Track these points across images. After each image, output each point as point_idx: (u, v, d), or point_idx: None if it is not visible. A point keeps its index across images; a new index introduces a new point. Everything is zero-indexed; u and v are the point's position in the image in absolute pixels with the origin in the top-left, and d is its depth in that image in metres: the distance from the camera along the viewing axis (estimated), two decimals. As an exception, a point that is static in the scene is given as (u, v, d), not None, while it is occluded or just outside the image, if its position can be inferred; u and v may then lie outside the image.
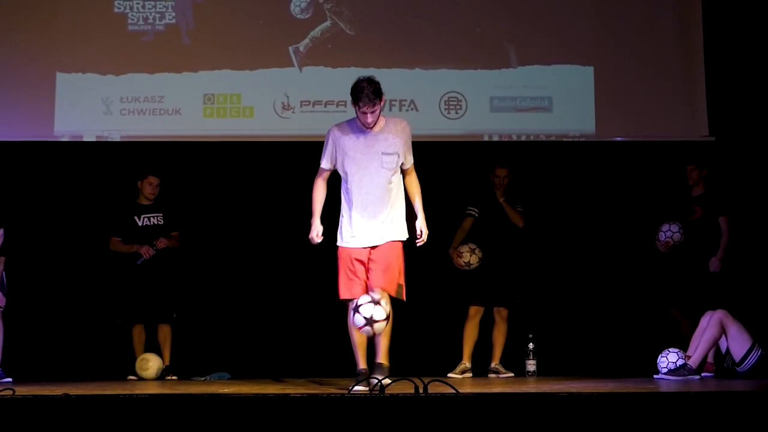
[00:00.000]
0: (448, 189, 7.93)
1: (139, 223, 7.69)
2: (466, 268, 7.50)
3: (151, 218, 7.72)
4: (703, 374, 6.76)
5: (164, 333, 7.62)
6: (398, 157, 5.78)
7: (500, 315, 7.58)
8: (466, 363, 7.48)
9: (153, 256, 7.57)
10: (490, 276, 7.53)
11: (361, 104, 5.65)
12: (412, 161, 5.90)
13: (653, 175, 8.03)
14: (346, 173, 5.81)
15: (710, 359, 6.93)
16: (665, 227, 7.42)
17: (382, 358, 5.67)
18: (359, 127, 5.78)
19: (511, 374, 7.49)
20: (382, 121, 5.80)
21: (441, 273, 7.73)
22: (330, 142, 5.84)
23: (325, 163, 5.88)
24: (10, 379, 6.96)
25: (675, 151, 7.97)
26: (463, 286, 7.61)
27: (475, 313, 7.56)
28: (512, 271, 7.61)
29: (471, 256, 7.49)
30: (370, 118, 5.68)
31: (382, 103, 5.72)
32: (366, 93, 5.63)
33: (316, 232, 5.82)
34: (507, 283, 7.57)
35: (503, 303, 7.58)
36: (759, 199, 7.92)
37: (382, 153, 5.74)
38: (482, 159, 7.93)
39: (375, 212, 5.76)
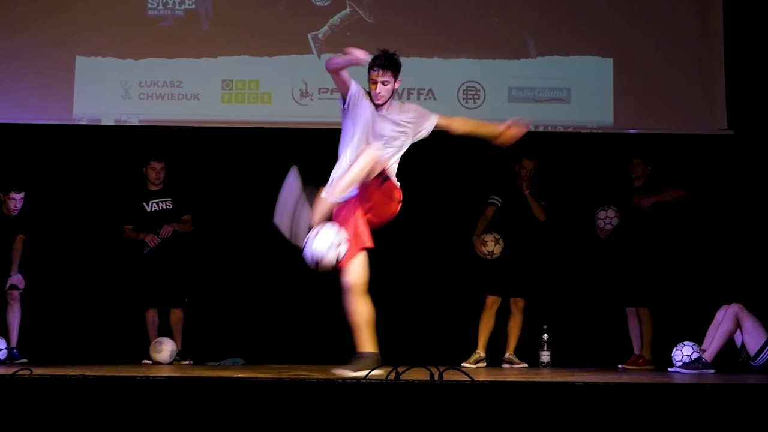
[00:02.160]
0: (465, 178, 7.94)
1: (148, 209, 7.70)
2: (489, 257, 7.49)
3: (160, 203, 7.72)
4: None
5: (176, 317, 7.65)
6: (403, 140, 5.37)
7: (516, 306, 7.57)
8: (481, 352, 7.48)
9: (162, 242, 7.59)
10: (508, 266, 7.52)
11: (372, 70, 5.30)
12: (437, 118, 5.42)
13: (671, 168, 8.01)
14: (346, 130, 5.40)
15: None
16: (602, 214, 7.53)
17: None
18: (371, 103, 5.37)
19: (525, 365, 7.49)
20: (395, 106, 5.39)
21: (459, 262, 7.73)
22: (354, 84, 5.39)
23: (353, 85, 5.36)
24: (25, 360, 7.02)
25: (693, 145, 7.95)
26: (481, 276, 7.60)
27: (492, 303, 7.55)
28: (531, 263, 7.61)
29: (495, 245, 7.47)
30: (379, 89, 5.28)
31: (396, 84, 5.36)
32: (379, 58, 5.31)
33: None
34: (525, 274, 7.57)
35: (520, 294, 7.57)
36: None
37: (387, 137, 5.33)
38: (500, 149, 7.89)
39: None
